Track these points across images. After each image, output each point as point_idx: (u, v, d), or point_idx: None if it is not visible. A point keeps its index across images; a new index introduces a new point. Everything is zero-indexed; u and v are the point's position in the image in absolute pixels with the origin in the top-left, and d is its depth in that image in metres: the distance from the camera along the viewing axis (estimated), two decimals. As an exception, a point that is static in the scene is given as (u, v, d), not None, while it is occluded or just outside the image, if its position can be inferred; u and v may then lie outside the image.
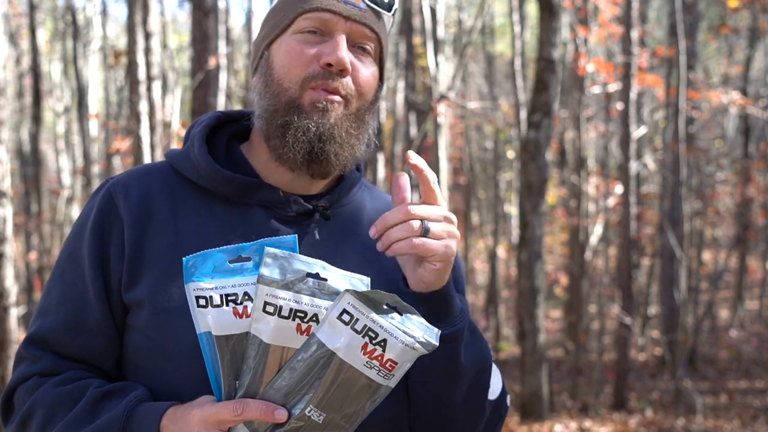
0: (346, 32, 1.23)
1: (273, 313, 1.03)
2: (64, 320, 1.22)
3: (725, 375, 11.07)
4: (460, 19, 14.93)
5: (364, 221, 1.34)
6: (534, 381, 7.33)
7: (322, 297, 1.04)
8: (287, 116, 1.22)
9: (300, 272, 1.05)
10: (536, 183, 7.11)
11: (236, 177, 1.25)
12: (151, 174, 1.29)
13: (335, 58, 1.20)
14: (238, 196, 1.26)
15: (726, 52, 16.64)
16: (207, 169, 1.25)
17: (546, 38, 7.04)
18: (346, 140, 1.24)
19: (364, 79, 1.25)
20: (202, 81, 6.38)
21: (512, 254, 15.35)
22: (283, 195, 1.27)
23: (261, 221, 1.25)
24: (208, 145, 1.32)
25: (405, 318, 1.05)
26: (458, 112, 14.83)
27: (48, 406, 1.17)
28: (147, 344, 1.19)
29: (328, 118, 1.21)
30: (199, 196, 1.26)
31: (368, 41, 1.26)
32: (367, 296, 1.02)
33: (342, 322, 1.01)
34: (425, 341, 1.04)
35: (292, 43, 1.24)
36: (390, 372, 1.03)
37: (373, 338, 1.01)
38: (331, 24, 1.23)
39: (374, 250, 1.25)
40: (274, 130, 1.23)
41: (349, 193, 1.35)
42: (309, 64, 1.22)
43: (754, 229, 14.22)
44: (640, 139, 12.43)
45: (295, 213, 1.27)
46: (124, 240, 1.22)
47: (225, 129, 1.36)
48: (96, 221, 1.24)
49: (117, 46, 15.73)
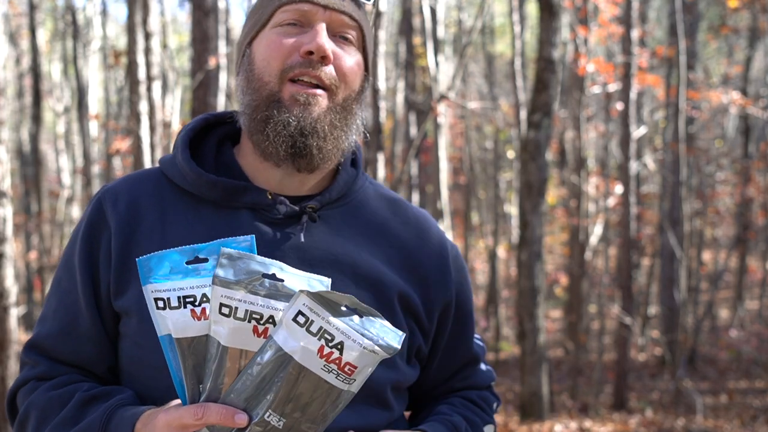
0: (326, 21, 1.22)
1: (229, 314, 1.01)
2: (59, 327, 1.24)
3: (725, 375, 11.07)
4: (460, 19, 14.93)
5: (360, 222, 1.30)
6: (534, 381, 7.33)
7: (278, 298, 1.02)
8: (267, 111, 1.21)
9: (256, 273, 1.02)
10: (536, 183, 7.11)
11: (220, 180, 1.23)
12: (142, 180, 1.29)
13: (315, 45, 1.19)
14: (224, 200, 1.24)
15: (726, 52, 16.63)
16: (191, 174, 1.24)
17: (546, 38, 7.04)
18: (330, 133, 1.22)
19: (348, 67, 1.23)
20: (202, 81, 6.38)
21: (512, 254, 15.35)
22: (270, 197, 1.25)
23: (248, 224, 1.23)
24: (198, 149, 1.31)
25: (365, 320, 1.01)
26: (458, 112, 14.82)
27: (40, 409, 1.20)
28: (136, 352, 1.20)
29: (309, 112, 1.20)
30: (188, 201, 1.25)
31: (349, 29, 1.25)
32: (323, 297, 0.99)
33: (297, 324, 0.98)
34: (386, 344, 1.00)
35: (271, 36, 1.23)
36: (350, 376, 0.99)
37: (329, 341, 0.98)
38: (311, 14, 1.22)
39: (368, 251, 1.25)
40: (255, 125, 1.22)
41: (345, 192, 1.31)
42: (289, 54, 1.21)
43: (754, 229, 14.22)
44: (640, 139, 12.43)
45: (282, 215, 1.24)
46: (111, 247, 1.22)
47: (215, 132, 1.34)
48: (86, 230, 1.25)
49: (117, 46, 15.73)
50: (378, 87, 6.77)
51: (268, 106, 1.21)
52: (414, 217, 1.36)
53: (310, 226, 1.25)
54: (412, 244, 1.33)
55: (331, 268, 1.22)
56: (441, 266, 1.34)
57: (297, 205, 1.25)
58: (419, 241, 1.34)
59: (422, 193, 13.22)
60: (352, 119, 1.26)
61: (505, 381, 10.94)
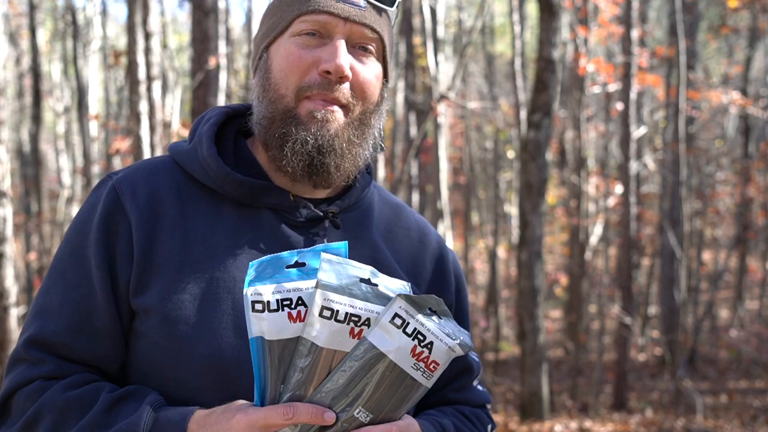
0: (346, 33, 1.20)
1: (330, 317, 1.04)
2: (68, 322, 1.17)
3: (725, 375, 11.07)
4: (460, 19, 14.93)
5: (372, 225, 1.31)
6: (534, 381, 7.32)
7: (374, 301, 1.06)
8: (284, 127, 1.19)
9: (354, 277, 1.07)
10: (536, 183, 7.11)
11: (247, 180, 1.22)
12: (158, 171, 1.25)
13: (334, 66, 1.16)
14: (247, 199, 1.22)
15: (726, 52, 16.63)
16: (217, 172, 1.21)
17: (546, 38, 7.04)
18: (348, 150, 1.21)
19: (366, 81, 1.21)
20: (202, 81, 6.37)
21: (512, 254, 15.35)
22: (293, 199, 1.24)
23: (270, 225, 1.22)
24: (216, 143, 1.28)
25: (444, 321, 1.08)
26: (458, 112, 14.82)
27: (57, 411, 1.13)
28: (157, 352, 1.16)
29: (327, 129, 1.18)
30: (207, 197, 1.23)
31: (369, 41, 1.22)
32: (415, 300, 1.05)
33: (394, 325, 1.04)
34: (463, 343, 1.08)
35: (290, 47, 1.20)
36: (432, 373, 1.07)
37: (421, 341, 1.05)
38: (330, 26, 1.19)
39: (381, 254, 1.26)
40: (272, 141, 1.21)
41: (359, 198, 1.31)
42: (307, 71, 1.19)
43: (754, 229, 14.22)
44: (640, 139, 12.43)
45: (304, 218, 1.24)
46: (132, 241, 1.17)
47: (232, 125, 1.32)
48: (102, 220, 1.19)
49: (117, 46, 15.73)
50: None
51: (285, 122, 1.19)
52: (415, 222, 1.39)
53: (330, 231, 1.25)
54: (415, 249, 1.35)
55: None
56: (442, 270, 1.36)
57: (317, 209, 1.25)
58: (421, 245, 1.36)
59: (422, 193, 13.22)
60: (370, 132, 1.25)
61: (505, 381, 10.94)
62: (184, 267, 1.16)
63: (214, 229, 1.20)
